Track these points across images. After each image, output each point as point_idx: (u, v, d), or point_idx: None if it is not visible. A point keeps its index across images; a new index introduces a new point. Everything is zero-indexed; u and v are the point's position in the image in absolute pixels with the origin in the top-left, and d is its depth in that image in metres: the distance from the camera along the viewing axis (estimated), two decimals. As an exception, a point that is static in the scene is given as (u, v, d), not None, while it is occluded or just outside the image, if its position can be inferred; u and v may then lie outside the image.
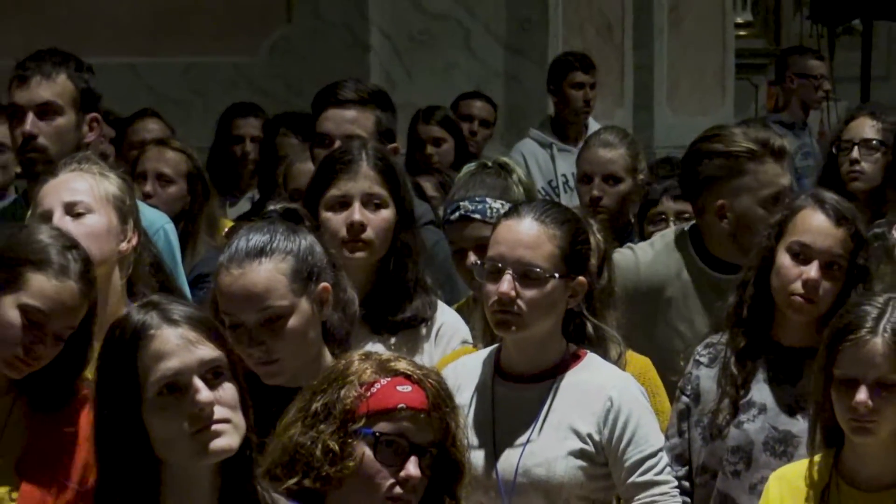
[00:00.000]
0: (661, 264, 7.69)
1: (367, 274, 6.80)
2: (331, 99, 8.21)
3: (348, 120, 8.21)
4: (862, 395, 5.58)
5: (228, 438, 4.68)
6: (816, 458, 5.78)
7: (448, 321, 6.86)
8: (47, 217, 6.19)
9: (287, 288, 5.78)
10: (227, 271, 5.79)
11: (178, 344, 4.68)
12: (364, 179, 6.81)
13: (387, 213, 6.85)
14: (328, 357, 5.86)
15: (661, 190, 9.09)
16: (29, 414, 5.63)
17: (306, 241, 5.91)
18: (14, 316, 5.52)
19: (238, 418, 4.71)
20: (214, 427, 4.66)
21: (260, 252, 5.78)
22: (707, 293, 7.62)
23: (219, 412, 4.67)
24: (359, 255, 6.78)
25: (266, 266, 5.77)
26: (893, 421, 5.62)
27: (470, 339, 6.78)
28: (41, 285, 5.53)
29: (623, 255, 7.56)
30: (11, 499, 5.52)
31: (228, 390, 4.71)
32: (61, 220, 6.15)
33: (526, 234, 6.08)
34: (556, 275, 6.05)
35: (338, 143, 7.92)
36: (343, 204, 6.82)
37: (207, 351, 4.71)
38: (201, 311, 4.92)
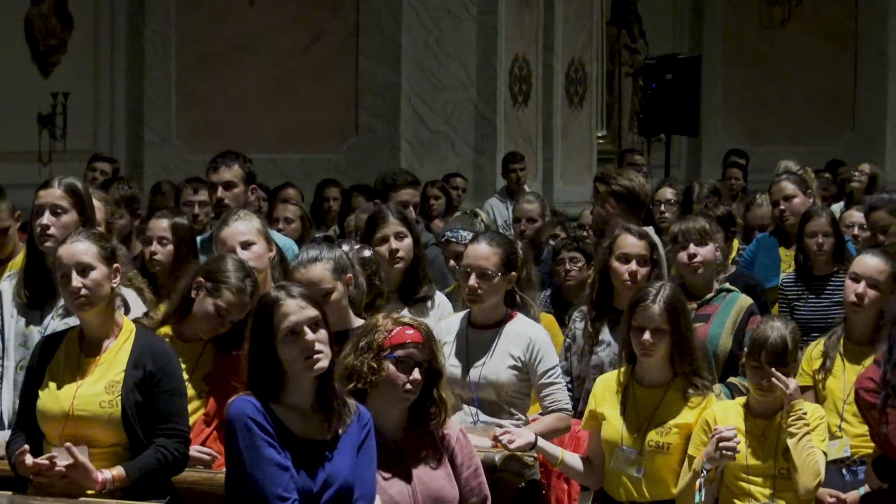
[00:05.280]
0: None
1: (401, 274, 6.66)
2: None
3: (407, 192, 8.32)
4: (646, 336, 5.49)
5: (323, 362, 4.57)
6: (622, 369, 5.67)
7: (443, 301, 6.70)
8: (232, 251, 6.03)
9: (330, 278, 5.74)
10: (297, 270, 5.78)
11: (295, 308, 4.58)
12: (391, 226, 6.66)
13: (408, 241, 6.66)
14: (351, 314, 5.80)
15: None
16: (213, 351, 5.56)
17: (338, 251, 5.88)
18: (212, 310, 5.47)
19: (328, 350, 4.59)
20: (316, 356, 4.56)
21: (315, 259, 5.76)
22: None
23: (318, 346, 4.56)
24: (398, 266, 6.63)
25: (318, 266, 5.75)
26: (662, 350, 5.52)
27: (453, 311, 6.59)
28: (229, 297, 5.47)
29: None
30: (199, 396, 5.45)
31: (323, 333, 4.59)
32: (241, 253, 6.01)
33: (482, 251, 6.00)
34: (500, 274, 5.95)
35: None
36: (384, 239, 6.69)
37: (311, 311, 4.60)
38: (308, 290, 4.82)
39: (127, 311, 5.57)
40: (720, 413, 5.53)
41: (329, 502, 4.55)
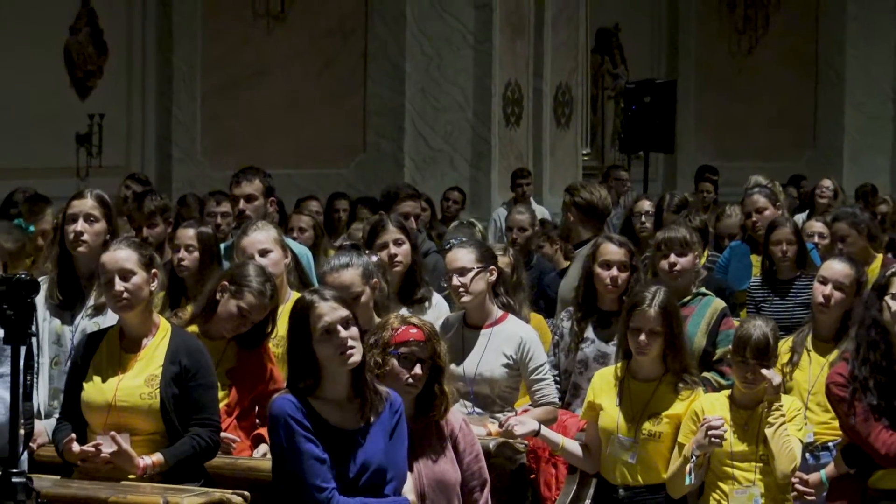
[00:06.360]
0: None
1: (400, 277, 6.58)
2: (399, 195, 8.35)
3: (408, 204, 8.27)
4: (642, 336, 5.49)
5: (356, 356, 4.55)
6: (619, 364, 5.66)
7: (440, 302, 6.63)
8: (252, 258, 6.02)
9: (360, 282, 5.74)
10: (329, 275, 5.74)
11: (328, 309, 4.56)
12: (390, 234, 6.59)
13: (406, 246, 6.58)
14: (374, 314, 5.78)
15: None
16: (236, 349, 5.54)
17: (366, 257, 5.88)
18: (235, 311, 5.46)
19: (359, 345, 4.57)
20: (349, 351, 4.54)
21: (346, 265, 5.75)
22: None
23: (350, 342, 4.54)
24: (396, 269, 6.54)
25: (349, 271, 5.74)
26: (656, 349, 5.51)
27: (450, 313, 6.49)
28: (250, 298, 5.47)
29: None
30: (222, 389, 5.36)
31: (354, 331, 4.57)
32: (259, 259, 6.00)
33: (456, 254, 6.03)
34: (476, 266, 5.95)
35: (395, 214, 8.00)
36: (383, 245, 6.59)
37: (343, 311, 4.58)
38: (338, 293, 4.78)
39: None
40: (707, 404, 5.53)
41: (365, 486, 4.55)
